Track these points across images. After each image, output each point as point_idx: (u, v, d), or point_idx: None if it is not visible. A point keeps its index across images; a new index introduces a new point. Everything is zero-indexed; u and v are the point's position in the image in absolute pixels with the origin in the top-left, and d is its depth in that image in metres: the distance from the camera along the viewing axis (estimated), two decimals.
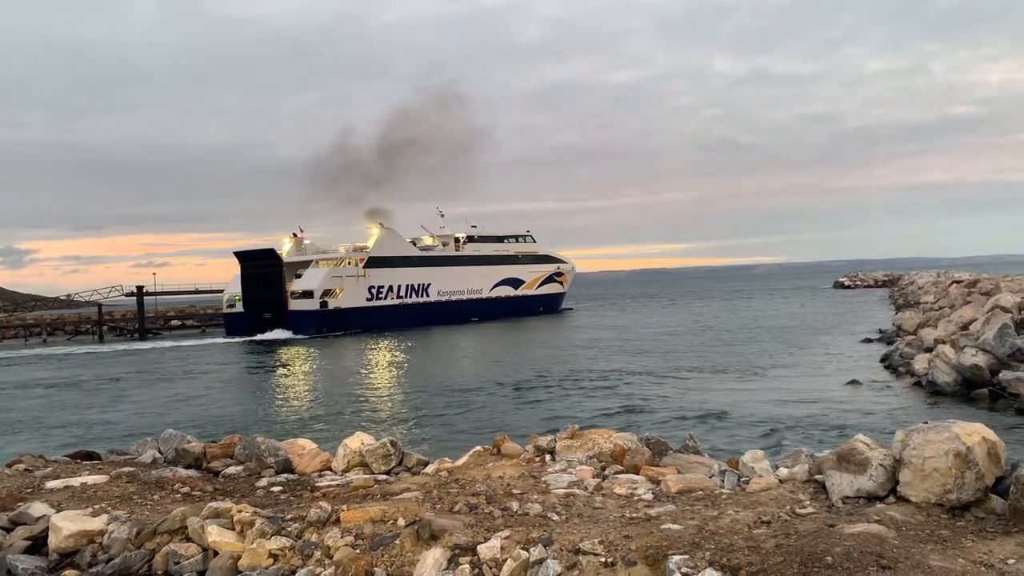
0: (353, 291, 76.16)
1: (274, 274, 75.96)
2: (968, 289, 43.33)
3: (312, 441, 11.62)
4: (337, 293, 74.86)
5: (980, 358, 23.48)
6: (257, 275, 76.23)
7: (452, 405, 27.69)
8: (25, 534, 8.49)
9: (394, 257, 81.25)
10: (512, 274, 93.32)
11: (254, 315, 75.29)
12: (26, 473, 10.70)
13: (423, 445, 20.61)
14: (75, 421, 28.21)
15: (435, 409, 27.05)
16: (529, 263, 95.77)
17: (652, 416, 23.62)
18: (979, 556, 5.60)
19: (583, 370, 35.90)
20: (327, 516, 7.56)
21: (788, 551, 5.74)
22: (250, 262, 77.08)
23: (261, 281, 75.88)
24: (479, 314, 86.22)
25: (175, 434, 12.26)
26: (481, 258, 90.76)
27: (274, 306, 74.93)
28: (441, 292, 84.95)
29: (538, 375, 34.78)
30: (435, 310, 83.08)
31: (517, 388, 31.31)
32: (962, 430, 6.75)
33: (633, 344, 49.99)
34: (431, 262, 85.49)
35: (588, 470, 8.74)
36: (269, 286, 75.56)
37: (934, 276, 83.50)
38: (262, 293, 75.64)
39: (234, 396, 33.74)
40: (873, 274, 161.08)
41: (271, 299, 75.17)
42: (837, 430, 19.71)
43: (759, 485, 7.74)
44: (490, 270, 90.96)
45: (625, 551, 6.14)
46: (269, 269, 76.03)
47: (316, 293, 73.65)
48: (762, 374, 32.41)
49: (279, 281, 75.79)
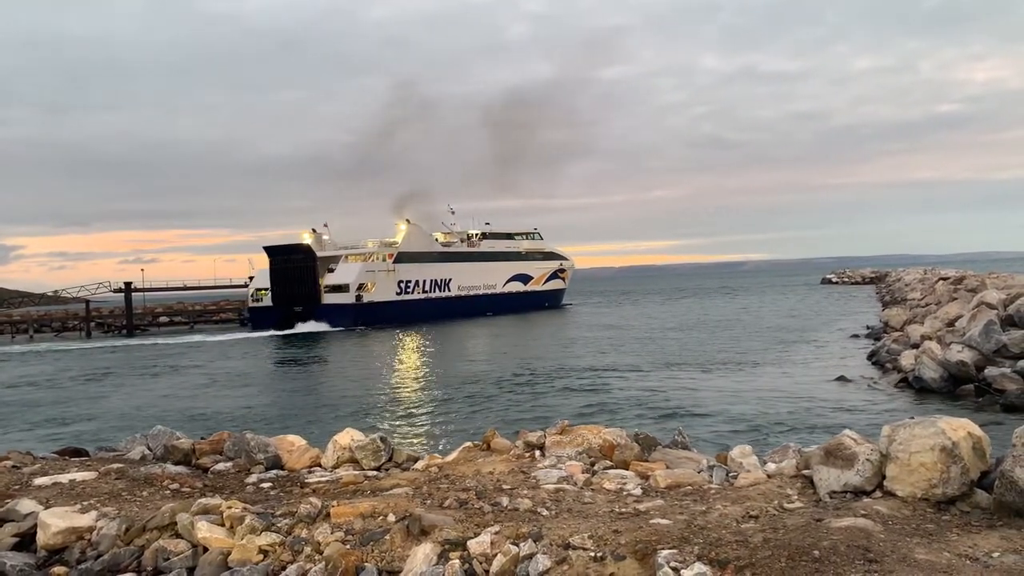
0: (384, 285, 77.91)
1: (308, 268, 76.85)
2: (954, 286, 43.60)
3: (301, 437, 11.61)
4: (369, 287, 76.46)
5: (966, 354, 23.67)
6: (288, 269, 76.95)
7: (451, 400, 27.78)
8: (13, 531, 8.45)
9: (421, 252, 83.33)
10: (522, 270, 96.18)
11: (283, 309, 76.00)
12: (14, 470, 10.65)
13: (415, 441, 20.65)
14: (63, 418, 28.08)
15: (433, 404, 27.11)
16: (536, 260, 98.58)
17: (641, 411, 23.71)
18: (964, 549, 5.66)
19: (575, 366, 35.97)
20: (317, 512, 7.56)
21: (776, 545, 5.78)
22: (281, 256, 77.87)
23: (293, 275, 76.65)
24: (493, 308, 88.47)
25: (164, 430, 12.21)
26: (496, 254, 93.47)
27: (306, 300, 75.89)
28: (461, 287, 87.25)
29: (536, 370, 34.85)
30: (455, 304, 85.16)
31: (519, 383, 31.41)
32: (948, 425, 6.81)
33: (625, 339, 50.15)
34: (453, 258, 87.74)
35: (578, 465, 8.77)
36: (302, 280, 76.41)
37: (921, 273, 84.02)
38: (294, 287, 76.45)
39: (239, 392, 33.63)
40: (860, 271, 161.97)
41: (304, 293, 76.14)
42: (825, 426, 19.85)
43: (747, 480, 7.79)
44: (503, 266, 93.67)
45: (614, 546, 6.17)
46: (302, 263, 76.88)
47: (352, 287, 75.08)
48: (750, 370, 32.56)
49: (313, 275, 76.77)
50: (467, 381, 32.68)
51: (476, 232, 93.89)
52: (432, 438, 21.27)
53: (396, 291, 79.35)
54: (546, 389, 29.62)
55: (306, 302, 75.76)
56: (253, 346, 60.11)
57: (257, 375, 40.23)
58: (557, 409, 24.60)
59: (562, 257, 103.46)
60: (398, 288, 79.61)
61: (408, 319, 76.93)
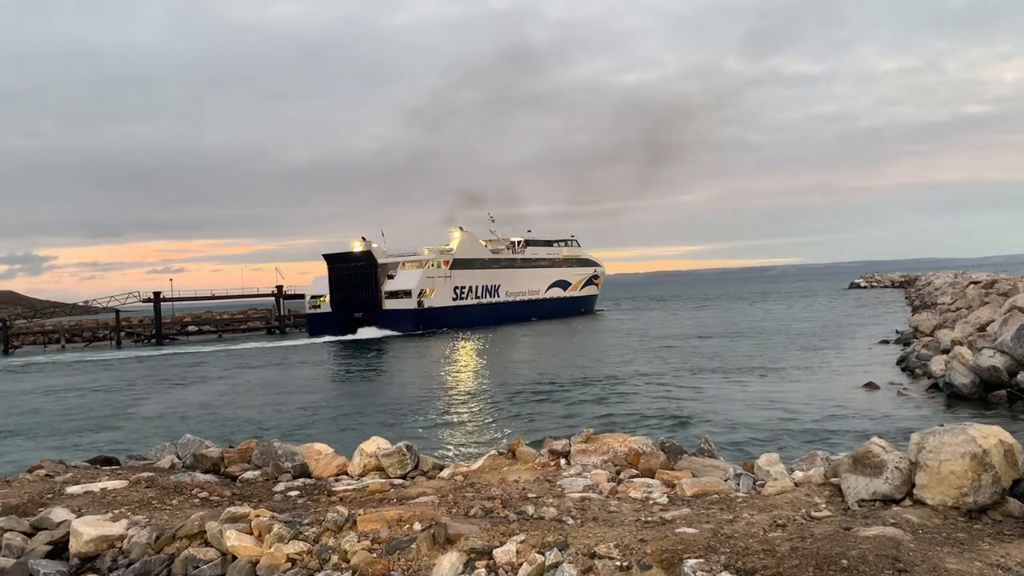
0: (441, 291, 79.98)
1: (369, 275, 79.34)
2: (985, 290, 43.00)
3: (328, 446, 11.69)
4: (428, 293, 78.39)
5: (998, 359, 23.31)
6: (350, 276, 79.30)
7: (484, 407, 27.99)
8: (46, 539, 8.60)
9: (474, 259, 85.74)
10: (562, 276, 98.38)
11: (343, 315, 78.05)
12: (47, 479, 10.82)
13: (443, 449, 20.70)
14: (94, 427, 28.46)
15: (463, 411, 27.20)
16: (573, 266, 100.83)
17: (666, 419, 23.59)
18: (996, 559, 5.58)
19: (600, 373, 35.87)
20: (344, 520, 7.61)
21: (803, 554, 5.74)
22: (341, 264, 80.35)
23: (354, 282, 79.07)
24: (537, 314, 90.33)
25: (192, 439, 12.36)
26: (540, 261, 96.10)
27: (367, 306, 78.01)
28: (508, 292, 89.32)
29: (563, 376, 34.80)
30: (504, 309, 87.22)
31: (548, 390, 31.40)
32: (978, 432, 6.73)
33: (651, 345, 49.95)
34: (501, 264, 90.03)
35: (603, 474, 8.75)
36: (363, 287, 78.75)
37: (951, 277, 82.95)
38: (355, 293, 78.75)
39: (269, 399, 33.88)
40: (889, 275, 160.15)
41: (365, 299, 78.35)
42: (853, 433, 19.63)
43: (774, 488, 7.73)
44: (545, 272, 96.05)
45: (640, 555, 6.15)
46: (364, 270, 79.37)
47: (414, 293, 77.02)
48: (777, 377, 32.29)
49: (374, 281, 79.05)
50: (503, 387, 32.82)
51: (519, 239, 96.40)
52: (458, 446, 21.32)
53: (452, 297, 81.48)
54: (572, 396, 29.56)
55: (367, 308, 78.00)
56: (310, 352, 61.35)
57: (291, 382, 40.49)
58: (581, 416, 24.55)
59: (596, 264, 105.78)
60: (454, 294, 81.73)
61: (462, 324, 79.06)
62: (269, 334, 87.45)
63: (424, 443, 21.51)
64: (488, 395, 30.96)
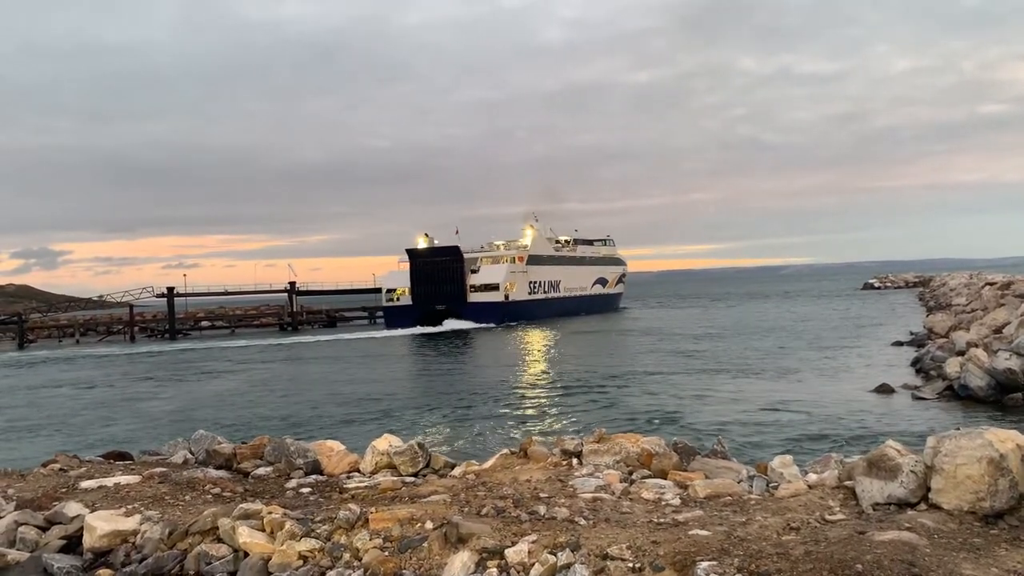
0: (521, 285, 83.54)
1: (456, 269, 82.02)
2: (1001, 291, 42.63)
3: (340, 443, 11.70)
4: (511, 287, 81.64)
5: (1014, 362, 23.09)
6: (434, 270, 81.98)
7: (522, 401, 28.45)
8: (60, 533, 8.65)
9: (544, 255, 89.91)
10: (602, 274, 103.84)
11: (424, 307, 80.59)
12: (61, 473, 10.90)
13: (455, 445, 20.69)
14: (108, 421, 28.62)
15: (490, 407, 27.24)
16: (609, 264, 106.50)
17: (680, 419, 23.50)
18: (1013, 565, 5.53)
19: (616, 372, 35.81)
20: (356, 518, 7.62)
21: (817, 558, 5.70)
22: (426, 258, 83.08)
23: (439, 276, 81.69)
24: (584, 309, 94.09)
25: (205, 435, 12.42)
26: (590, 259, 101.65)
27: (453, 299, 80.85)
28: (566, 288, 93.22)
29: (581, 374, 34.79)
30: (562, 304, 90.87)
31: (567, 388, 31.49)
32: (995, 437, 6.66)
33: (665, 345, 49.81)
34: (563, 261, 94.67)
35: (615, 474, 8.72)
36: (450, 280, 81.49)
37: (966, 278, 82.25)
38: (440, 287, 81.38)
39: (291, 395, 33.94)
40: (903, 275, 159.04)
41: (451, 292, 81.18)
42: (867, 435, 19.48)
43: (788, 491, 7.69)
44: (592, 270, 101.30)
45: (653, 556, 6.13)
46: (450, 265, 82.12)
47: (501, 286, 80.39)
48: (791, 378, 32.12)
49: (461, 275, 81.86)
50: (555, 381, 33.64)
51: (566, 238, 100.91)
52: (471, 443, 21.29)
53: (528, 291, 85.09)
54: (582, 396, 29.50)
55: (452, 301, 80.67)
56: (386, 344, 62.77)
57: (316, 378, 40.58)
58: (592, 415, 24.50)
59: (623, 262, 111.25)
60: (529, 288, 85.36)
61: (535, 317, 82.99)
62: (281, 331, 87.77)
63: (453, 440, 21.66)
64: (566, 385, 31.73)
